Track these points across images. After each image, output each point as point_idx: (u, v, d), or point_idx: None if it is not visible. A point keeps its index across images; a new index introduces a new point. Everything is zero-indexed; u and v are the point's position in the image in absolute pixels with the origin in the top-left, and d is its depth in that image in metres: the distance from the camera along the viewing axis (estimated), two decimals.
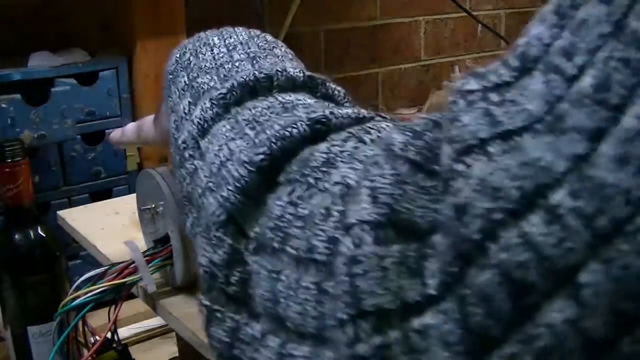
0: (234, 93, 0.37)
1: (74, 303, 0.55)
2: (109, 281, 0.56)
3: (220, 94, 0.37)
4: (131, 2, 1.30)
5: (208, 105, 0.37)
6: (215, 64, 0.41)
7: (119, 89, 1.29)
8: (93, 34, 1.37)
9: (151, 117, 0.55)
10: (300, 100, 0.36)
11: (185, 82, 0.41)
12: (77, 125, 1.23)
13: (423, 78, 2.19)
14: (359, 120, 0.33)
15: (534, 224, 0.20)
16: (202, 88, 0.39)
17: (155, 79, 1.33)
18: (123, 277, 0.56)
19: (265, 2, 1.55)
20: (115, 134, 0.62)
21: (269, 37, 0.45)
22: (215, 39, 0.43)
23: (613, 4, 0.21)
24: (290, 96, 0.36)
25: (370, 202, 0.25)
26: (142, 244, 0.70)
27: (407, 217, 0.24)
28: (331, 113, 0.32)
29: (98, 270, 0.57)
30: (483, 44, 2.31)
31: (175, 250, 0.57)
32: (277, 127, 0.32)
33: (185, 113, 0.39)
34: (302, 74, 0.38)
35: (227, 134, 0.34)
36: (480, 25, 2.11)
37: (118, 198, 0.91)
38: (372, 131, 0.31)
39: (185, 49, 0.44)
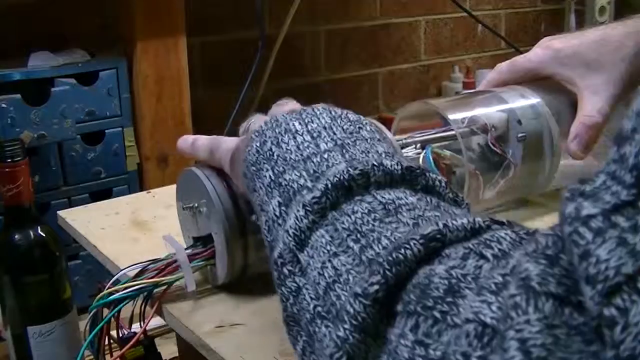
0: (329, 196, 0.34)
1: (111, 297, 0.54)
2: (149, 278, 0.55)
3: (314, 198, 0.34)
4: (131, 2, 1.30)
5: (302, 213, 0.34)
6: (302, 155, 0.38)
7: (119, 89, 1.29)
8: (93, 34, 1.37)
9: (226, 146, 0.52)
10: (401, 198, 0.33)
11: (270, 177, 0.39)
12: (77, 125, 1.23)
13: (423, 78, 2.19)
14: (475, 232, 0.30)
15: None
16: (292, 187, 0.37)
17: (156, 79, 1.33)
18: (164, 275, 0.56)
19: (265, 2, 1.55)
20: (185, 145, 0.58)
21: (352, 116, 0.42)
22: (297, 124, 0.40)
23: None
24: (389, 194, 0.34)
25: (521, 356, 0.22)
26: (143, 244, 0.70)
27: None
28: (445, 226, 0.30)
29: (138, 265, 0.57)
30: (483, 44, 2.31)
31: (219, 252, 0.57)
32: (386, 243, 0.30)
33: (276, 216, 0.37)
34: (399, 167, 0.35)
35: (329, 248, 0.32)
36: (480, 25, 2.11)
37: (118, 198, 0.90)
38: (492, 244, 0.28)
39: (265, 136, 0.41)
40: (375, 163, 0.35)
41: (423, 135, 0.66)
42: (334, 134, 0.39)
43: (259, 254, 0.58)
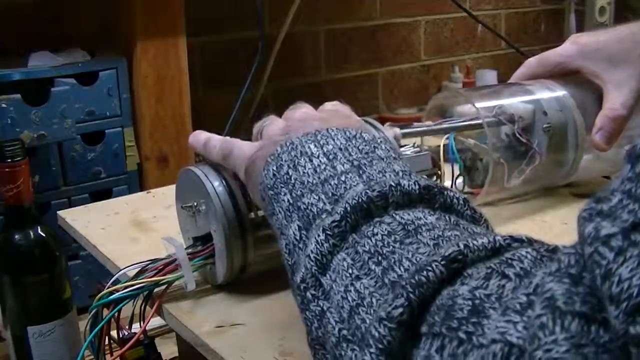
0: (349, 219, 0.35)
1: (111, 297, 0.54)
2: (149, 277, 0.55)
3: (334, 222, 0.35)
4: (131, 2, 1.30)
5: (323, 237, 0.35)
6: (319, 178, 0.38)
7: (119, 89, 1.29)
8: (93, 34, 1.37)
9: (240, 152, 0.51)
10: (420, 218, 0.34)
11: (289, 201, 0.39)
12: (77, 125, 1.23)
13: (423, 78, 2.19)
14: (495, 251, 0.30)
15: None
16: (311, 211, 0.37)
17: (155, 79, 1.33)
18: (164, 274, 0.56)
19: (265, 2, 1.55)
20: (196, 144, 0.58)
21: (367, 135, 0.42)
22: (312, 146, 0.41)
23: None
24: (408, 214, 0.34)
25: None
26: (143, 244, 0.70)
27: None
28: (465, 246, 0.30)
29: (137, 265, 0.57)
30: (483, 44, 2.31)
31: (218, 250, 0.57)
32: (407, 265, 0.30)
33: (296, 240, 0.37)
34: (417, 186, 0.36)
35: (351, 271, 0.33)
36: (480, 25, 2.12)
37: (118, 198, 0.90)
38: (514, 263, 0.28)
39: (282, 160, 0.41)
40: (392, 183, 0.35)
41: (451, 123, 0.68)
42: (350, 154, 0.40)
43: (258, 252, 0.58)
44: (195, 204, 0.58)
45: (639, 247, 0.21)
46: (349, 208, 0.35)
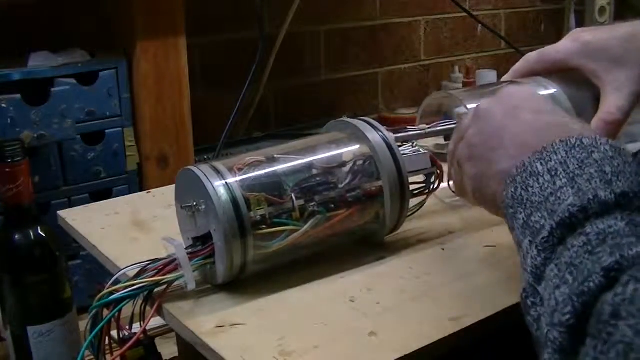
0: (555, 235, 0.40)
1: (111, 297, 0.54)
2: (150, 277, 0.55)
3: (543, 238, 0.40)
4: (131, 2, 1.30)
5: (535, 253, 0.41)
6: (544, 196, 0.44)
7: (119, 89, 1.29)
8: (93, 34, 1.37)
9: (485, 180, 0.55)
10: (611, 227, 0.38)
11: (523, 219, 0.45)
12: (77, 125, 1.23)
13: (423, 78, 2.19)
14: None
15: None
16: (535, 227, 0.43)
17: (156, 79, 1.33)
18: (164, 274, 0.56)
19: (265, 2, 1.55)
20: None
21: (586, 140, 0.45)
22: (539, 165, 0.45)
23: None
24: (603, 223, 0.38)
25: None
26: (143, 244, 0.70)
27: None
28: (622, 257, 0.35)
29: (137, 265, 0.57)
30: (483, 44, 2.31)
31: (218, 249, 0.57)
32: (585, 274, 0.35)
33: (525, 254, 0.43)
34: (612, 195, 0.40)
35: (554, 281, 0.38)
36: (480, 25, 2.11)
37: (118, 198, 0.91)
38: None
39: (517, 182, 0.46)
40: (591, 196, 0.40)
41: (444, 126, 0.67)
42: (568, 167, 0.43)
43: (258, 252, 0.58)
44: (195, 204, 0.58)
45: None
46: (554, 225, 0.40)
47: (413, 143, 0.67)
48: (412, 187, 0.66)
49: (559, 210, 0.41)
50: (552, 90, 0.67)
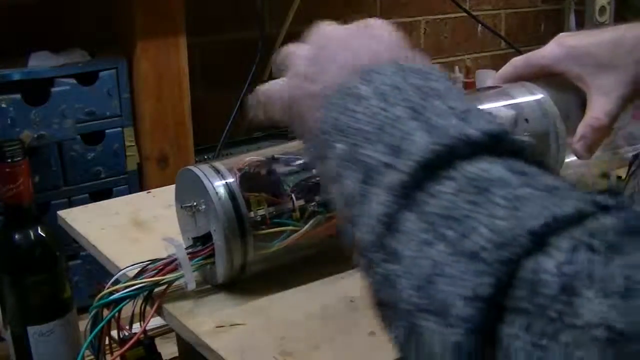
0: (414, 176, 0.33)
1: (111, 297, 0.54)
2: (150, 277, 0.56)
3: (399, 180, 0.33)
4: (131, 2, 1.30)
5: (388, 196, 0.33)
6: (375, 125, 0.36)
7: (119, 89, 1.29)
8: (93, 34, 1.37)
9: (278, 95, 0.48)
10: (487, 171, 0.32)
11: (343, 149, 0.37)
12: (77, 125, 1.23)
13: None
14: (581, 218, 0.29)
15: None
16: (371, 164, 0.35)
17: (156, 79, 1.33)
18: (164, 274, 0.56)
19: (265, 2, 1.55)
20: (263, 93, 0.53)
21: (416, 66, 0.40)
22: (361, 86, 0.38)
23: None
24: (474, 167, 0.32)
25: None
26: (143, 244, 0.70)
27: None
28: (553, 218, 0.28)
29: (137, 265, 0.57)
30: (483, 44, 2.31)
31: (218, 249, 0.57)
32: (487, 234, 0.29)
33: (356, 193, 0.35)
34: (480, 133, 0.33)
35: (421, 235, 0.31)
36: (480, 25, 2.11)
37: (118, 198, 0.91)
38: (600, 235, 0.27)
39: (334, 105, 0.39)
40: (456, 134, 0.33)
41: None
42: (404, 93, 0.37)
43: (258, 252, 0.58)
44: (195, 204, 0.58)
45: None
46: (413, 165, 0.33)
47: None
48: None
49: (412, 148, 0.33)
50: (538, 96, 0.66)
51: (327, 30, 0.48)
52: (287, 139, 1.31)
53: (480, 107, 0.64)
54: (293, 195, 0.59)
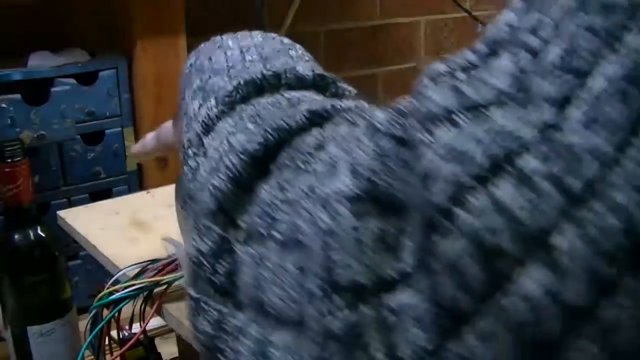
0: (240, 91, 0.36)
1: (111, 297, 0.54)
2: (149, 277, 0.55)
3: (227, 91, 0.36)
4: (131, 2, 1.30)
5: (213, 103, 0.36)
6: (227, 65, 0.40)
7: (119, 89, 1.29)
8: (93, 34, 1.37)
9: (169, 121, 0.56)
10: (306, 96, 0.36)
11: (197, 85, 0.41)
12: (77, 125, 1.23)
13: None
14: (362, 108, 0.33)
15: (504, 188, 0.20)
16: (213, 89, 0.39)
17: (156, 79, 1.33)
18: (164, 274, 0.56)
19: (265, 2, 1.55)
20: (136, 147, 0.63)
21: (286, 40, 0.44)
22: (230, 42, 0.43)
23: None
24: (295, 93, 0.36)
25: (350, 175, 0.25)
26: (143, 244, 0.70)
27: (387, 190, 0.24)
28: (332, 106, 0.32)
29: (137, 265, 0.57)
30: None
31: None
32: (277, 118, 0.32)
33: (194, 115, 0.38)
34: (311, 73, 0.38)
35: (229, 129, 0.34)
36: (480, 25, 2.11)
37: (118, 198, 0.91)
38: (365, 114, 0.30)
39: (200, 52, 0.44)
40: (287, 68, 0.37)
41: None
42: (262, 49, 0.41)
43: None
44: None
45: (454, 79, 0.24)
46: (242, 82, 0.36)
47: None
48: None
49: (247, 74, 0.37)
50: None
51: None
52: None
53: None
54: None
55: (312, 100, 0.35)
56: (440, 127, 0.22)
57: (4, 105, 1.14)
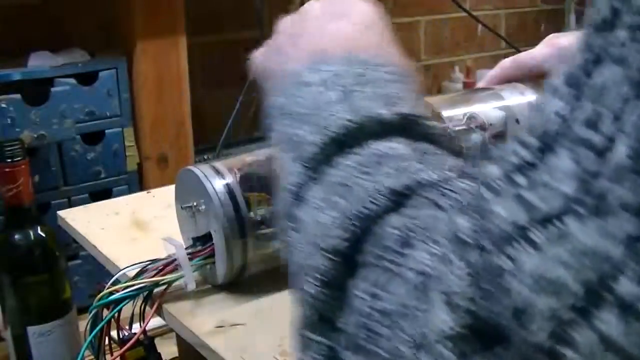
0: (324, 150, 0.34)
1: (111, 297, 0.54)
2: (149, 277, 0.55)
3: (311, 154, 0.34)
4: (131, 2, 1.30)
5: (300, 169, 0.34)
6: (311, 108, 0.37)
7: (119, 89, 1.29)
8: (93, 34, 1.37)
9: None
10: (393, 149, 0.32)
11: (285, 132, 0.39)
12: (77, 125, 1.23)
13: (423, 78, 2.19)
14: (444, 182, 0.30)
15: (608, 321, 0.19)
16: (299, 142, 0.36)
17: (156, 79, 1.33)
18: (164, 274, 0.56)
19: (265, 2, 1.55)
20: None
21: (364, 56, 0.40)
22: (308, 73, 0.40)
23: (628, 63, 0.20)
24: (383, 145, 0.33)
25: (446, 310, 0.23)
26: (143, 244, 0.70)
27: (488, 320, 0.22)
28: (416, 182, 0.30)
29: (137, 265, 0.57)
30: (483, 44, 2.31)
31: (218, 249, 0.57)
32: (361, 194, 0.30)
33: (285, 174, 0.37)
34: (395, 115, 0.35)
35: (319, 203, 0.32)
36: (480, 25, 2.11)
37: (118, 198, 0.90)
38: (450, 194, 0.28)
39: (281, 90, 0.41)
40: (371, 114, 0.34)
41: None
42: (345, 79, 0.38)
43: (258, 252, 0.58)
44: (195, 204, 0.58)
45: (516, 187, 0.22)
46: (327, 140, 0.34)
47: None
48: None
49: (331, 125, 0.35)
50: (529, 97, 0.66)
51: (306, 6, 0.49)
52: None
53: (469, 108, 0.64)
54: None
55: (399, 157, 0.32)
56: (518, 249, 0.21)
57: (4, 105, 1.14)
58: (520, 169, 0.22)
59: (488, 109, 0.65)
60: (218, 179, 0.57)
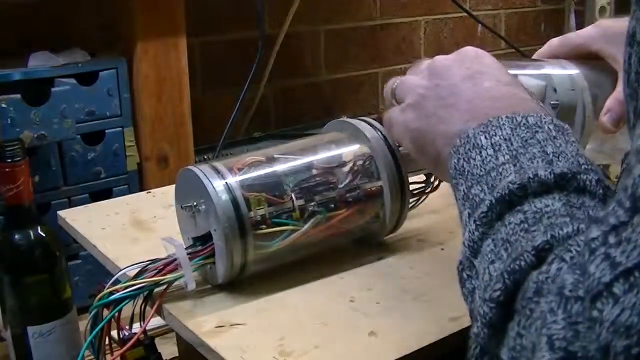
0: (494, 210, 0.41)
1: (111, 297, 0.54)
2: (150, 277, 0.55)
3: (482, 212, 0.41)
4: (131, 2, 1.30)
5: (474, 226, 0.41)
6: (485, 170, 0.44)
7: (119, 89, 1.29)
8: (93, 34, 1.37)
9: (399, 127, 0.57)
10: (548, 205, 0.39)
11: (463, 191, 0.45)
12: (77, 125, 1.23)
13: None
14: (575, 235, 0.35)
15: None
16: (475, 200, 0.43)
17: (156, 79, 1.33)
18: (164, 274, 0.56)
19: (265, 2, 1.55)
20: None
21: (532, 119, 0.46)
22: (482, 138, 0.46)
23: None
24: (541, 202, 0.39)
25: (548, 350, 0.29)
26: (143, 244, 0.70)
27: (584, 354, 0.27)
28: (552, 236, 0.35)
29: (137, 265, 0.57)
30: (483, 44, 2.31)
31: (218, 249, 0.57)
32: (518, 251, 0.36)
33: (465, 226, 0.43)
34: (552, 175, 0.40)
35: (489, 256, 0.39)
36: (480, 25, 2.11)
37: (118, 198, 0.91)
38: (572, 248, 0.33)
39: (459, 154, 0.47)
40: (531, 175, 0.40)
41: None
42: (512, 144, 0.44)
43: (258, 252, 0.58)
44: (195, 204, 0.58)
45: (607, 246, 0.27)
46: (494, 200, 0.41)
47: None
48: (412, 186, 0.66)
49: (499, 186, 0.41)
50: (570, 71, 0.67)
51: (439, 68, 0.55)
52: (287, 138, 1.31)
53: (513, 74, 0.66)
54: (293, 195, 0.59)
55: (552, 213, 0.38)
56: (605, 304, 0.26)
57: (4, 105, 1.14)
58: (615, 228, 0.27)
59: (528, 77, 0.66)
60: (218, 178, 0.57)
